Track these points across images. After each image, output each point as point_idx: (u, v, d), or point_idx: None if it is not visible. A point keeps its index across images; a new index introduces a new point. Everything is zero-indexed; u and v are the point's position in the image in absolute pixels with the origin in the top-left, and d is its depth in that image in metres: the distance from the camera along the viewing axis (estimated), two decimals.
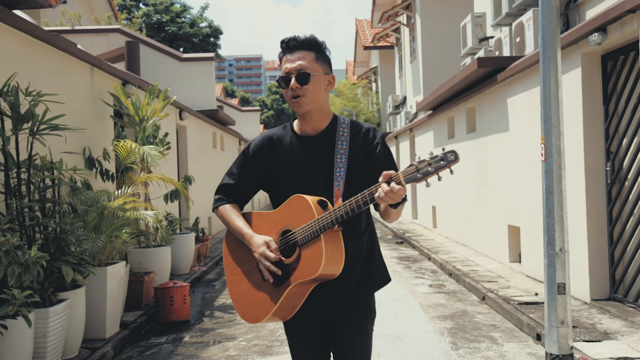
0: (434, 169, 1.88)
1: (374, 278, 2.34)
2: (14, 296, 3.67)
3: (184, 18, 30.51)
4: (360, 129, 2.30)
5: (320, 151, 2.28)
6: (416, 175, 1.90)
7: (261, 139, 2.38)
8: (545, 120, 3.97)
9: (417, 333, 5.53)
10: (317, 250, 2.07)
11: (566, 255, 3.92)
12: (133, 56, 10.71)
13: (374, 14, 22.03)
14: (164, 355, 5.10)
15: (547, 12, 3.94)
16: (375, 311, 2.39)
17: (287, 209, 2.21)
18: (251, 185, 2.39)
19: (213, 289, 8.04)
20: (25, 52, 5.32)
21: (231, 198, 2.41)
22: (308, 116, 2.28)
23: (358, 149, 2.26)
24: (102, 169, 6.79)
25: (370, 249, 2.34)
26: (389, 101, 21.98)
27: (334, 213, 2.07)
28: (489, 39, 10.22)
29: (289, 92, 2.25)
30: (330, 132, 2.29)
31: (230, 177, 2.41)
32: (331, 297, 2.25)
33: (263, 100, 74.31)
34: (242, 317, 2.33)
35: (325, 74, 2.28)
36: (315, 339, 2.35)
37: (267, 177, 2.35)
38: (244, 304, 2.31)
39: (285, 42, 2.29)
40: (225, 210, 2.37)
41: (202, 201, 12.25)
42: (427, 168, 1.89)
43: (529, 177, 7.35)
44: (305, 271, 2.10)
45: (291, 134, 2.34)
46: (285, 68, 2.25)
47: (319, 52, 2.28)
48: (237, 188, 2.39)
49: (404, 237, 12.98)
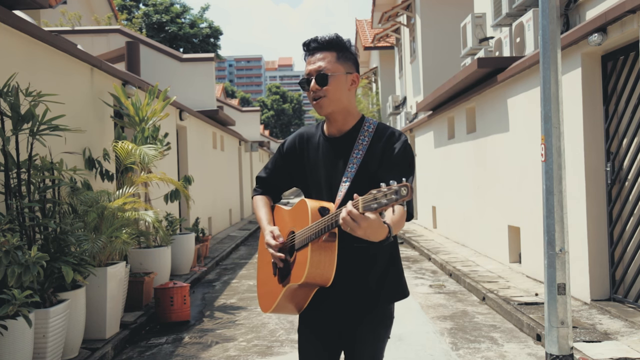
0: (387, 201, 1.77)
1: (389, 290, 2.26)
2: (14, 296, 3.67)
3: (184, 18, 30.53)
4: (385, 133, 2.22)
5: (337, 153, 2.25)
6: (372, 205, 1.80)
7: (294, 136, 2.41)
8: (545, 120, 3.97)
9: (417, 333, 5.53)
10: (304, 258, 2.08)
11: (566, 256, 3.92)
12: (133, 56, 10.70)
13: (374, 15, 22.02)
14: (164, 356, 5.10)
15: (547, 12, 3.95)
16: (392, 319, 2.32)
17: (294, 211, 2.23)
18: (282, 180, 2.44)
19: (213, 290, 8.03)
20: (25, 52, 5.32)
21: (265, 190, 2.48)
22: (332, 117, 2.25)
23: (378, 155, 2.18)
24: (102, 169, 6.79)
25: (389, 261, 2.27)
26: (389, 101, 21.98)
27: (321, 223, 2.03)
28: (489, 39, 10.21)
29: (310, 94, 2.23)
30: (352, 135, 2.24)
31: (264, 171, 2.48)
32: (345, 302, 2.23)
33: (263, 100, 74.36)
34: (259, 304, 2.43)
35: (347, 73, 2.21)
36: (326, 340, 2.32)
37: (298, 174, 2.38)
38: (261, 292, 2.42)
39: (306, 44, 2.26)
40: (256, 200, 2.46)
41: (202, 201, 12.25)
42: (382, 199, 1.78)
43: (529, 177, 7.35)
44: (296, 276, 2.12)
45: (320, 134, 2.33)
46: (307, 70, 2.23)
47: (340, 52, 2.22)
48: (269, 181, 2.46)
49: (404, 237, 12.98)
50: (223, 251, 11.20)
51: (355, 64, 2.27)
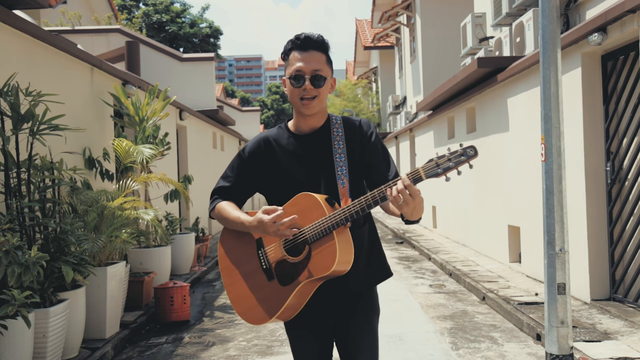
0: (455, 163, 1.93)
1: (375, 271, 2.32)
2: (13, 296, 3.67)
3: (184, 18, 30.52)
4: (354, 124, 2.31)
5: (317, 148, 2.27)
6: (437, 170, 1.94)
7: (257, 140, 2.35)
8: (545, 120, 3.97)
9: (417, 333, 5.53)
10: (330, 248, 2.06)
11: (566, 255, 3.92)
12: (133, 56, 10.70)
13: (374, 14, 22.04)
14: (164, 356, 5.10)
15: (547, 12, 3.94)
16: (379, 307, 2.36)
17: (293, 207, 2.16)
18: (247, 187, 2.35)
19: (213, 289, 8.03)
20: (25, 52, 5.32)
21: (227, 199, 2.36)
22: (311, 116, 2.27)
23: (355, 144, 2.27)
24: (102, 169, 6.79)
25: (371, 242, 2.33)
26: (389, 101, 21.99)
27: (347, 210, 2.06)
28: (489, 39, 10.22)
29: (298, 92, 2.20)
30: (325, 130, 2.30)
31: (225, 180, 2.35)
32: (334, 294, 2.23)
33: (263, 100, 74.35)
34: (245, 320, 2.27)
35: (332, 76, 2.29)
36: (319, 335, 2.33)
37: (264, 178, 2.31)
38: (247, 307, 2.24)
39: (300, 38, 2.21)
40: (222, 206, 2.30)
41: (202, 201, 12.26)
42: (447, 163, 1.93)
43: (529, 177, 7.35)
44: (318, 268, 2.08)
45: (287, 134, 2.32)
46: (298, 67, 2.19)
47: (328, 55, 2.26)
48: (233, 190, 2.34)
49: (404, 237, 12.98)
50: None
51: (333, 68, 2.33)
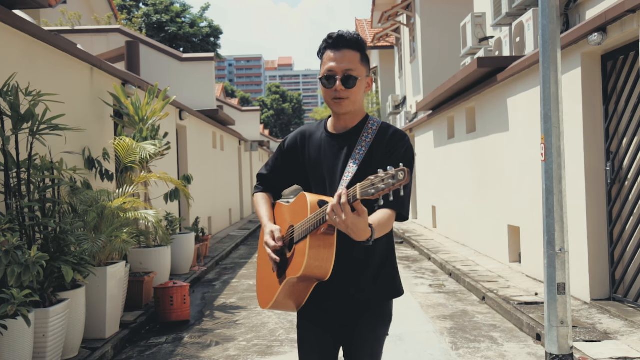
0: (385, 186, 1.74)
1: (387, 287, 2.27)
2: (13, 295, 3.67)
3: (184, 18, 30.53)
4: (388, 131, 2.21)
5: (338, 150, 2.23)
6: (369, 190, 1.75)
7: (295, 134, 2.40)
8: (545, 120, 3.97)
9: (417, 333, 5.53)
10: (301, 251, 2.07)
11: (566, 255, 3.92)
12: (133, 56, 10.70)
13: (374, 14, 22.02)
14: (164, 355, 5.10)
15: (547, 12, 3.95)
16: (390, 319, 2.32)
17: (294, 205, 2.22)
18: (283, 178, 2.43)
19: (213, 289, 8.03)
20: (25, 52, 5.32)
21: (266, 187, 2.46)
22: (344, 116, 2.24)
23: (380, 152, 2.17)
24: (102, 169, 6.79)
25: (385, 257, 2.27)
26: (389, 101, 21.98)
27: (314, 218, 2.01)
28: (489, 39, 10.21)
29: (331, 92, 2.17)
30: (356, 132, 2.23)
31: (265, 168, 2.47)
32: (342, 299, 2.23)
33: (263, 100, 74.34)
34: (258, 300, 2.42)
35: (367, 76, 2.21)
36: (327, 327, 2.32)
37: (299, 171, 2.36)
38: (260, 288, 2.41)
39: (333, 37, 2.17)
40: (256, 197, 2.44)
41: (202, 201, 12.26)
42: (380, 184, 1.74)
43: (528, 177, 7.35)
44: (294, 269, 2.10)
45: (323, 131, 2.32)
46: (330, 67, 2.15)
47: (363, 53, 2.19)
48: (269, 180, 2.45)
49: (404, 237, 12.98)
50: (223, 251, 11.20)
51: (370, 67, 2.26)
